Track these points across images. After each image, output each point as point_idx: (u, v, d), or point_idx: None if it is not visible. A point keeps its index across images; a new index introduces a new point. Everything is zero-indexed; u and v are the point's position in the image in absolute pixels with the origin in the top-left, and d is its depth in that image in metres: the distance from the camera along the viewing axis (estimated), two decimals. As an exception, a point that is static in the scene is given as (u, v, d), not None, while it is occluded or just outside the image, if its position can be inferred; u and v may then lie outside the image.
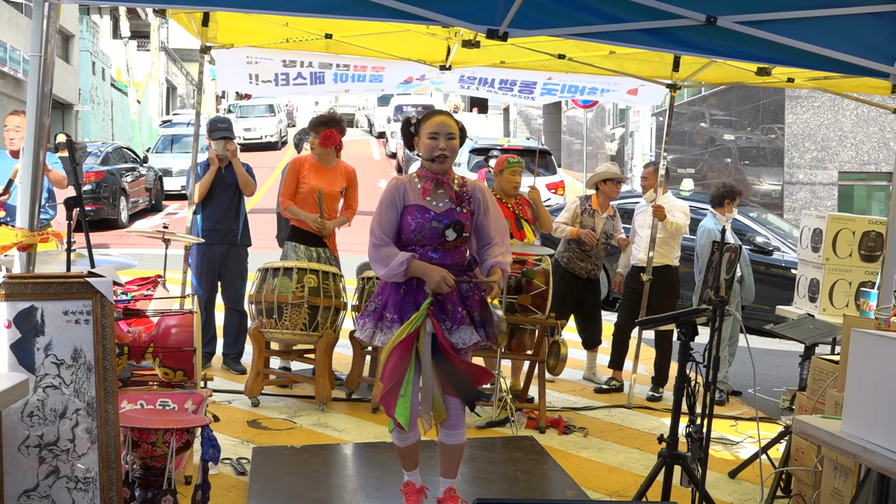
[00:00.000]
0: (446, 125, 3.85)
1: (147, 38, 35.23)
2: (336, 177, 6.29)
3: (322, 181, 6.21)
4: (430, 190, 3.88)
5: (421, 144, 3.88)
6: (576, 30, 3.73)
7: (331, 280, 5.78)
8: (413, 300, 3.82)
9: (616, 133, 25.09)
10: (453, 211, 3.86)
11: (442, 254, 3.84)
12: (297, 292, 5.64)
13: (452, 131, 3.85)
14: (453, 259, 3.88)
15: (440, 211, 3.85)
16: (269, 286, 5.71)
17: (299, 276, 5.68)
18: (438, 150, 3.82)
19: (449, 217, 3.84)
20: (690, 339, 3.73)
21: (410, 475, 4.06)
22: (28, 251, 3.49)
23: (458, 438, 3.96)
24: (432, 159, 3.84)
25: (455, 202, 3.89)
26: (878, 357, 2.61)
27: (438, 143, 3.82)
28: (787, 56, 3.79)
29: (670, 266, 6.73)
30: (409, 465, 4.06)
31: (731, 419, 6.18)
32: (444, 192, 3.90)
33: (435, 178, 3.89)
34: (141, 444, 3.43)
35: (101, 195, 15.35)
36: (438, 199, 3.88)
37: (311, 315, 5.67)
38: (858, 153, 14.42)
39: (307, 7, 3.68)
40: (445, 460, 4.00)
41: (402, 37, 6.01)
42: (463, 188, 3.93)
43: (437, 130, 3.83)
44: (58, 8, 3.50)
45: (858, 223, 5.77)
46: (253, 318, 5.92)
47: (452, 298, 3.83)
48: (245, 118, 32.90)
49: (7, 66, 19.95)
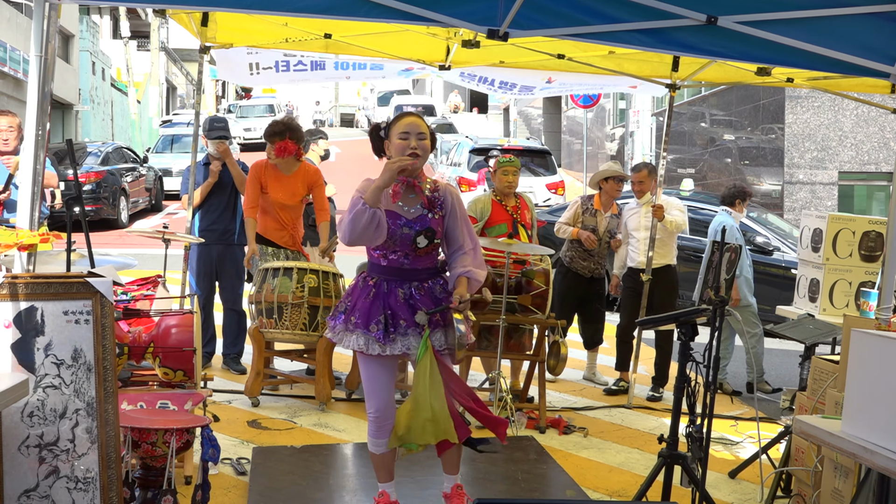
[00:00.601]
0: (416, 125, 3.77)
1: (147, 38, 35.22)
2: (296, 184, 6.23)
3: (282, 191, 6.17)
4: (400, 194, 3.79)
5: (391, 146, 3.79)
6: (575, 30, 3.73)
7: (331, 280, 5.78)
8: (383, 304, 3.76)
9: (616, 133, 25.09)
10: (424, 217, 3.78)
11: (413, 259, 3.78)
12: (298, 292, 5.64)
13: (423, 131, 3.77)
14: (424, 264, 3.82)
15: (411, 217, 3.77)
16: (269, 286, 5.71)
17: (299, 276, 5.67)
18: (409, 148, 3.72)
19: (420, 223, 3.76)
20: (690, 339, 3.73)
21: (386, 486, 3.98)
22: (28, 251, 3.49)
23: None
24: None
25: (427, 207, 3.80)
26: (878, 357, 2.61)
27: (409, 142, 3.73)
28: (787, 56, 3.79)
29: (670, 266, 6.73)
30: (383, 476, 3.98)
31: (731, 419, 6.18)
32: (415, 197, 3.81)
33: (406, 181, 3.80)
34: (141, 444, 3.43)
35: (101, 195, 15.35)
36: (410, 203, 3.80)
37: (311, 315, 5.67)
38: (858, 153, 14.41)
39: (307, 7, 3.67)
40: (445, 458, 3.97)
41: (401, 37, 6.01)
42: (434, 193, 3.85)
43: (408, 130, 3.75)
44: (58, 8, 3.50)
45: (858, 223, 5.77)
46: (253, 318, 5.92)
47: (425, 301, 3.78)
48: (245, 118, 32.90)
49: (7, 66, 19.95)
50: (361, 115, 43.87)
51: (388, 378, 3.88)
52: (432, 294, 3.81)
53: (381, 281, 3.80)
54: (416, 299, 3.77)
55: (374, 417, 3.87)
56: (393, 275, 3.80)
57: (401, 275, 3.80)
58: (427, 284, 3.82)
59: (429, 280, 3.83)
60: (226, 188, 6.58)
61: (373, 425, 3.88)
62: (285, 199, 6.18)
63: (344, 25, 5.86)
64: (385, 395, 3.86)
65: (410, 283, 3.80)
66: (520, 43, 5.80)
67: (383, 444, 3.87)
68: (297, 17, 5.43)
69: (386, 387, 3.87)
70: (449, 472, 3.99)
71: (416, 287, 3.79)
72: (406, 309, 3.75)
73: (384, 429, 3.85)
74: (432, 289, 3.82)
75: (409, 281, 3.80)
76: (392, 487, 3.98)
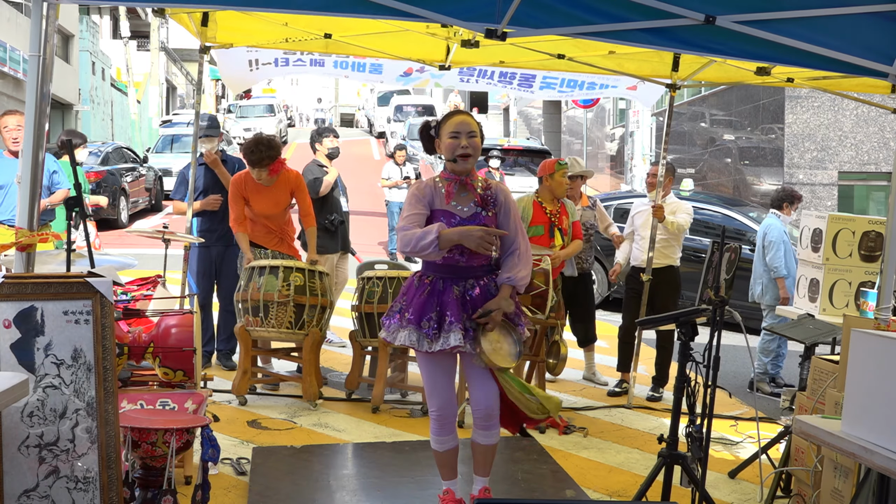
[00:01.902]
0: (467, 123, 3.80)
1: (147, 38, 35.21)
2: (279, 194, 6.21)
3: (265, 202, 6.16)
4: (453, 193, 3.81)
5: (442, 145, 3.82)
6: (575, 29, 3.73)
7: (317, 278, 5.77)
8: (436, 301, 3.76)
9: (616, 133, 25.09)
10: (478, 215, 3.79)
11: (468, 256, 3.78)
12: (283, 290, 5.63)
13: (473, 129, 3.80)
14: (479, 261, 3.81)
15: (465, 216, 3.78)
16: (255, 284, 5.70)
17: (285, 274, 5.67)
18: (461, 148, 3.76)
19: (474, 222, 3.77)
20: (690, 339, 3.73)
21: (450, 484, 3.98)
22: (28, 251, 3.49)
23: (493, 438, 3.92)
24: (454, 159, 3.78)
25: (480, 205, 3.82)
26: (878, 357, 2.61)
27: (460, 141, 3.76)
28: (787, 56, 3.79)
29: (672, 266, 6.72)
30: (446, 474, 3.97)
31: (731, 419, 6.19)
32: (468, 196, 3.83)
33: (458, 179, 3.82)
34: (141, 444, 3.43)
35: (101, 195, 15.33)
36: (463, 202, 3.81)
37: (297, 313, 5.67)
38: (858, 153, 14.41)
39: (306, 5, 3.67)
40: (479, 458, 3.97)
41: (401, 36, 6.01)
42: (487, 191, 3.86)
43: (458, 129, 3.77)
44: (57, 8, 3.50)
45: (858, 223, 5.76)
46: (239, 317, 5.91)
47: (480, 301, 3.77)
48: (245, 118, 32.90)
49: (7, 66, 19.95)
50: (361, 115, 43.87)
51: (447, 376, 3.89)
52: (488, 291, 3.81)
53: (437, 279, 3.80)
54: (471, 296, 3.77)
55: (437, 416, 3.87)
56: (448, 272, 3.79)
57: (456, 272, 3.79)
58: (483, 281, 3.81)
59: (484, 277, 3.83)
60: (223, 190, 6.59)
61: (435, 423, 3.88)
62: (269, 210, 6.19)
63: (344, 25, 5.86)
64: (445, 394, 3.87)
65: (465, 281, 3.79)
66: (519, 43, 5.80)
67: (447, 442, 3.89)
68: (296, 14, 5.44)
69: (446, 385, 3.87)
70: (479, 475, 3.99)
71: (470, 285, 3.79)
72: (456, 306, 3.74)
73: (447, 426, 3.86)
74: (488, 286, 3.82)
75: (465, 279, 3.79)
76: (457, 485, 3.98)
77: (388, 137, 30.62)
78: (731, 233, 8.66)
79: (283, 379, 6.18)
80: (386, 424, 5.59)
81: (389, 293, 5.77)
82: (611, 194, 14.19)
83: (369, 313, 5.84)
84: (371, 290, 5.85)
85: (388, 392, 6.10)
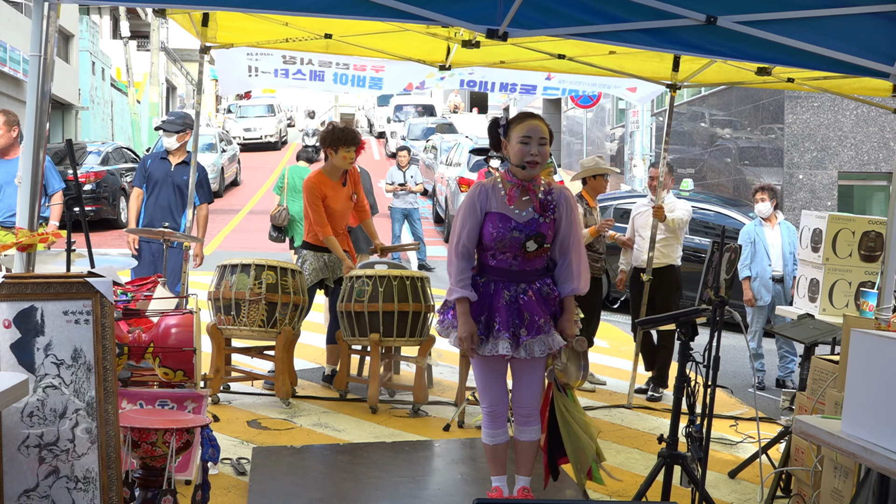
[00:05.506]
0: (539, 129, 3.75)
1: (147, 38, 35.19)
2: (348, 190, 6.25)
3: (339, 200, 6.15)
4: (515, 197, 3.78)
5: (510, 148, 3.78)
6: (576, 30, 3.72)
7: (289, 276, 5.76)
8: (487, 304, 3.77)
9: (616, 133, 25.08)
10: (536, 221, 3.77)
11: (522, 261, 3.77)
12: (255, 289, 5.62)
13: (544, 136, 3.76)
14: (533, 266, 3.81)
15: (522, 220, 3.76)
16: (227, 283, 5.70)
17: (257, 272, 5.67)
18: (530, 155, 3.72)
19: (531, 227, 3.75)
20: (690, 339, 3.73)
21: (498, 480, 3.98)
22: (28, 251, 3.49)
23: (531, 434, 3.95)
24: (522, 165, 3.74)
25: (538, 211, 3.79)
26: (878, 357, 2.60)
27: (531, 148, 3.72)
28: (787, 56, 3.79)
29: (673, 266, 6.72)
30: (495, 469, 3.98)
31: (731, 419, 6.18)
32: (528, 200, 3.80)
33: (521, 184, 3.79)
34: (141, 444, 3.43)
35: (101, 195, 15.33)
36: (522, 207, 3.78)
37: (269, 312, 5.66)
38: (858, 153, 14.40)
39: (307, 6, 3.67)
40: (520, 456, 4.00)
41: (401, 37, 6.01)
42: (548, 196, 3.83)
43: (530, 134, 3.73)
44: (57, 8, 3.50)
45: (858, 223, 5.77)
46: (211, 315, 5.90)
47: (531, 305, 3.76)
48: (245, 118, 32.90)
49: (7, 66, 19.94)
50: (361, 116, 43.83)
51: (498, 375, 3.93)
52: (540, 295, 3.80)
53: (490, 281, 3.79)
54: (523, 300, 3.75)
55: (489, 412, 3.92)
56: (501, 275, 3.79)
57: (508, 276, 3.79)
58: (536, 285, 3.81)
59: (537, 281, 3.82)
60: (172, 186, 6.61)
61: (487, 418, 3.93)
62: (344, 206, 6.19)
63: (344, 25, 5.86)
64: (497, 392, 3.92)
65: (518, 285, 3.78)
66: (520, 43, 5.80)
67: (497, 436, 3.93)
68: (297, 16, 5.43)
69: (496, 384, 3.92)
70: (520, 473, 4.02)
71: (523, 290, 3.78)
72: (505, 312, 3.74)
73: (498, 421, 3.92)
74: (540, 290, 3.80)
75: (517, 283, 3.79)
76: (505, 482, 3.99)
77: (388, 137, 30.61)
78: (731, 233, 8.65)
79: (255, 377, 6.15)
80: (386, 424, 5.59)
81: (380, 292, 5.73)
82: (611, 194, 14.18)
83: (359, 312, 5.78)
84: (360, 290, 5.79)
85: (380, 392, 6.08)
